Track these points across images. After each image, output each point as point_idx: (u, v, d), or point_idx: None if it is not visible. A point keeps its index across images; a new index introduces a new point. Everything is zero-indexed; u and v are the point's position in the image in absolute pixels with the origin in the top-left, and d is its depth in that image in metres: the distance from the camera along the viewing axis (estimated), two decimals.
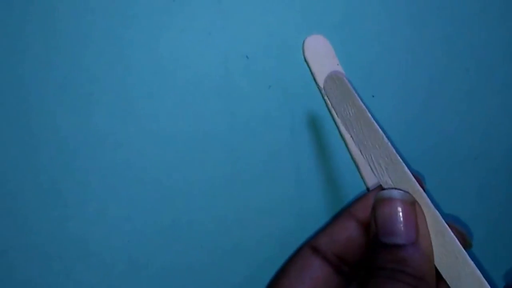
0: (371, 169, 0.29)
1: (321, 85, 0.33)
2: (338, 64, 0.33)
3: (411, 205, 0.28)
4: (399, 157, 0.28)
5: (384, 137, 0.29)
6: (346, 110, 0.29)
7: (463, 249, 0.27)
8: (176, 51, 0.32)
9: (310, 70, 0.33)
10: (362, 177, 0.33)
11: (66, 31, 0.30)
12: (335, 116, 0.33)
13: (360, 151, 0.29)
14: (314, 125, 0.33)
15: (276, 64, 0.33)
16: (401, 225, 0.27)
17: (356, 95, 0.29)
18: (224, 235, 0.32)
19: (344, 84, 0.29)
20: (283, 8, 0.33)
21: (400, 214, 0.27)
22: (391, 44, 0.35)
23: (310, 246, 0.31)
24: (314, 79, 0.33)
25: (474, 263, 0.26)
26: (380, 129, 0.29)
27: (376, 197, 0.29)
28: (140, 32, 0.31)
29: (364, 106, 0.29)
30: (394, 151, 0.28)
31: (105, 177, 0.31)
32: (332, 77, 0.30)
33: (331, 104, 0.30)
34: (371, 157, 0.29)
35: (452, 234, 0.27)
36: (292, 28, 0.33)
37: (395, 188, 0.29)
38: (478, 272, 0.26)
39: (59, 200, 0.30)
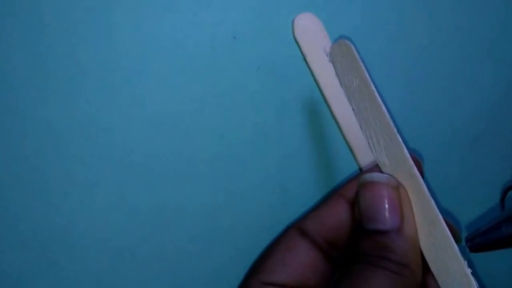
0: (370, 146, 0.28)
1: (312, 66, 0.31)
2: (329, 43, 0.31)
3: (395, 189, 0.27)
4: (399, 138, 0.27)
5: (387, 114, 0.27)
6: (350, 81, 0.28)
7: (454, 242, 0.26)
8: (161, 32, 0.30)
9: (301, 50, 0.31)
10: (355, 158, 0.32)
11: (47, 13, 0.29)
12: (327, 96, 0.31)
13: (361, 126, 0.28)
14: (305, 108, 0.32)
15: (264, 44, 0.31)
16: (384, 210, 0.26)
17: (362, 66, 0.28)
18: (210, 220, 0.31)
19: (351, 52, 0.28)
20: None
21: (383, 198, 0.26)
22: (384, 19, 0.33)
23: (298, 228, 0.29)
24: (305, 60, 0.31)
25: (465, 258, 0.25)
26: (383, 105, 0.27)
27: (359, 181, 0.28)
28: (123, 12, 0.30)
29: (369, 79, 0.28)
30: (395, 130, 0.27)
31: (88, 165, 0.30)
32: (340, 44, 0.28)
33: (336, 72, 0.29)
34: (371, 134, 0.28)
35: (444, 225, 0.26)
36: (281, 7, 0.31)
37: (380, 172, 0.28)
38: (467, 268, 0.25)
39: (43, 190, 0.29)
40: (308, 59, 0.31)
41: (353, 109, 0.28)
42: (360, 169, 0.32)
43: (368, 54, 0.32)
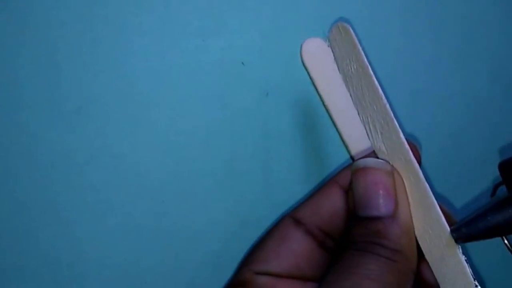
0: (366, 132, 0.28)
1: (321, 90, 0.31)
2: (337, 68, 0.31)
3: (389, 174, 0.26)
4: (396, 123, 0.27)
5: (384, 98, 0.27)
6: (348, 65, 0.28)
7: (449, 229, 0.25)
8: (170, 59, 0.30)
9: (309, 75, 0.31)
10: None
11: (56, 40, 0.29)
12: (336, 120, 0.31)
13: (358, 111, 0.28)
14: (313, 131, 0.32)
15: (273, 70, 0.31)
16: (378, 196, 0.25)
17: (361, 49, 0.27)
18: (222, 244, 0.31)
19: (350, 36, 0.27)
20: (279, 12, 0.31)
21: (377, 184, 0.26)
22: (391, 43, 0.33)
23: (292, 217, 0.29)
24: (313, 84, 0.31)
25: (459, 246, 0.25)
26: (380, 89, 0.27)
27: (352, 167, 0.27)
28: (132, 41, 0.30)
29: (367, 63, 0.27)
30: (392, 115, 0.27)
31: (99, 193, 0.30)
32: (338, 27, 0.28)
33: (334, 57, 0.28)
34: (368, 119, 0.28)
35: (439, 212, 0.25)
36: (289, 32, 0.31)
37: (374, 157, 0.27)
38: (462, 256, 0.25)
39: (54, 218, 0.29)
40: (317, 83, 0.31)
41: (350, 95, 0.28)
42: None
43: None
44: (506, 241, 0.27)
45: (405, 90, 0.33)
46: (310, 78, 0.31)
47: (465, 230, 0.25)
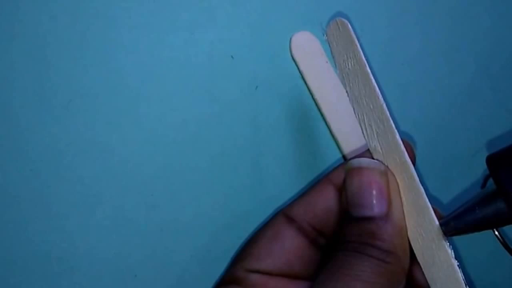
0: (361, 130, 0.28)
1: (310, 84, 0.31)
2: (327, 62, 0.32)
3: (383, 174, 0.26)
4: (392, 123, 0.26)
5: (381, 97, 0.27)
6: (345, 61, 0.28)
7: (443, 234, 0.25)
8: (159, 53, 0.31)
9: (298, 68, 0.32)
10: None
11: (46, 35, 0.30)
12: (325, 113, 0.31)
13: (353, 109, 0.28)
14: (303, 125, 0.32)
15: (262, 63, 0.32)
16: (371, 196, 0.25)
17: (359, 46, 0.27)
18: (212, 237, 0.31)
19: (348, 31, 0.27)
20: (268, 5, 0.32)
21: (370, 184, 0.26)
22: (380, 38, 0.33)
23: (285, 214, 0.29)
24: (302, 77, 0.32)
25: (452, 250, 0.25)
26: (377, 88, 0.27)
27: (346, 166, 0.27)
28: (121, 34, 0.30)
29: (365, 60, 0.27)
30: (388, 115, 0.26)
31: (89, 187, 0.30)
32: (337, 22, 0.28)
33: (331, 52, 0.28)
34: (364, 117, 0.27)
35: (433, 215, 0.25)
36: (278, 25, 0.32)
37: (367, 157, 0.27)
38: (454, 260, 0.25)
39: (44, 212, 0.29)
40: (306, 77, 0.31)
41: (346, 91, 0.28)
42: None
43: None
44: (497, 233, 0.27)
45: (393, 84, 0.33)
46: (300, 71, 0.32)
47: (454, 224, 0.25)
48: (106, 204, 0.30)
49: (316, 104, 0.32)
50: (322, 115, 0.32)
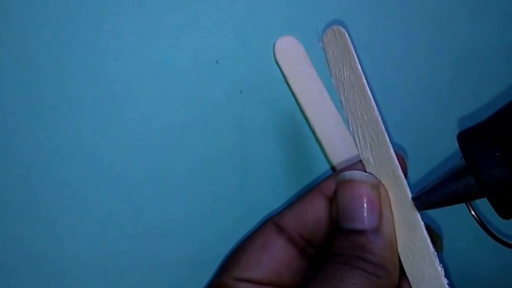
0: (355, 141, 0.27)
1: (294, 88, 0.32)
2: (310, 66, 0.32)
3: (375, 188, 0.26)
4: (386, 136, 0.26)
5: (376, 110, 0.26)
6: (341, 70, 0.27)
7: (433, 250, 0.25)
8: (144, 58, 0.31)
9: (282, 72, 0.32)
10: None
11: (24, 40, 0.30)
12: (309, 116, 0.32)
13: (347, 119, 0.27)
14: (287, 128, 0.32)
15: (247, 67, 0.32)
16: (363, 209, 0.25)
17: (355, 57, 0.27)
18: (198, 241, 0.31)
19: (344, 40, 0.27)
20: (252, 10, 0.32)
21: (362, 197, 0.25)
22: (364, 42, 0.34)
23: (275, 223, 0.29)
24: (286, 81, 0.32)
25: (442, 268, 0.25)
26: (373, 100, 0.27)
27: (337, 178, 0.27)
28: (106, 39, 0.31)
29: (361, 71, 0.27)
30: (383, 128, 0.26)
31: (76, 191, 0.30)
32: (333, 30, 0.27)
33: (326, 60, 0.28)
34: (357, 128, 0.27)
35: (425, 232, 0.25)
36: (262, 30, 0.32)
37: (363, 168, 0.27)
38: (444, 278, 0.25)
39: (32, 215, 0.30)
40: (290, 80, 0.32)
41: (341, 101, 0.27)
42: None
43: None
44: (473, 212, 0.28)
45: (375, 88, 0.34)
46: (283, 75, 0.32)
47: (426, 198, 0.25)
48: (93, 208, 0.30)
49: (300, 108, 0.32)
50: (306, 118, 0.32)
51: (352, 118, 0.27)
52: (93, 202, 0.30)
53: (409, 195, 0.26)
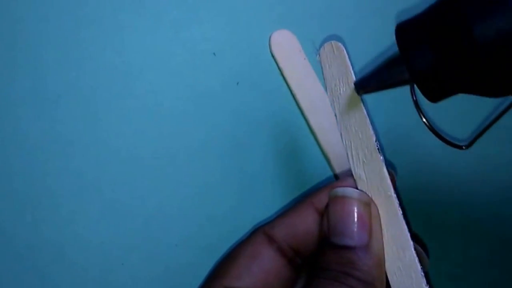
0: (347, 157, 0.27)
1: (289, 79, 0.33)
2: (304, 59, 0.33)
3: (366, 205, 0.26)
4: (380, 156, 0.27)
5: (371, 128, 0.27)
6: (337, 86, 0.27)
7: (420, 270, 0.25)
8: (143, 50, 0.32)
9: (277, 65, 0.33)
10: (331, 167, 0.33)
11: (28, 32, 0.31)
12: (304, 107, 0.32)
13: (341, 134, 0.27)
14: (282, 119, 0.33)
15: (243, 60, 0.33)
16: (353, 226, 0.26)
17: (353, 74, 0.27)
18: (200, 231, 0.32)
19: (342, 56, 0.27)
20: (249, 4, 0.33)
21: (353, 214, 0.26)
22: (358, 36, 0.34)
23: (265, 233, 0.29)
24: (282, 73, 0.33)
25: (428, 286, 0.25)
26: (368, 119, 0.27)
27: (330, 193, 0.27)
28: (104, 32, 0.32)
29: None
30: (377, 147, 0.27)
31: (75, 179, 0.31)
32: (331, 45, 0.27)
33: (323, 74, 0.28)
34: (351, 144, 0.27)
35: (413, 251, 0.26)
36: (259, 24, 0.33)
37: (355, 184, 0.27)
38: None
39: (32, 204, 0.30)
40: (285, 73, 0.33)
41: (335, 114, 0.27)
42: (335, 176, 0.33)
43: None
44: (424, 120, 0.29)
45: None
46: (279, 68, 0.33)
47: (365, 83, 0.26)
48: (94, 195, 0.31)
49: (295, 99, 0.33)
50: (300, 109, 0.33)
51: (345, 134, 0.27)
52: (94, 189, 0.31)
53: (400, 215, 0.26)
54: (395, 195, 0.26)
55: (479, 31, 0.21)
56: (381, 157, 0.27)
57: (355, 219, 0.26)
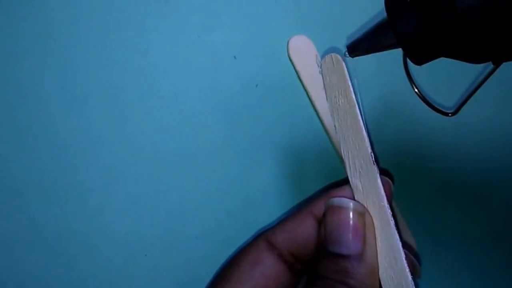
0: (345, 166, 0.28)
1: (305, 82, 0.34)
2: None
3: (360, 215, 0.27)
4: (375, 167, 0.27)
5: (367, 140, 0.28)
6: (337, 97, 0.28)
7: (411, 279, 0.26)
8: (168, 53, 0.33)
9: (295, 69, 0.34)
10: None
11: (60, 35, 0.32)
12: (319, 110, 0.33)
13: (339, 144, 0.28)
14: (299, 120, 0.34)
15: (262, 63, 0.34)
16: (348, 235, 0.27)
17: (351, 86, 0.28)
18: (220, 225, 0.33)
19: (341, 68, 0.28)
20: (269, 10, 0.34)
21: (348, 223, 0.27)
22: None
23: (266, 240, 0.30)
24: (298, 77, 0.34)
25: None
26: (365, 131, 0.28)
27: (326, 203, 0.28)
28: (131, 35, 0.33)
29: (355, 101, 0.28)
30: (372, 159, 0.27)
31: (102, 174, 0.32)
32: (332, 58, 0.28)
33: (324, 85, 0.28)
34: (349, 155, 0.28)
35: (404, 261, 0.27)
36: (277, 29, 0.34)
37: (347, 197, 0.28)
38: None
39: (61, 197, 0.32)
40: (302, 76, 0.34)
41: (334, 125, 0.28)
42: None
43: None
44: (416, 90, 0.31)
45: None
46: (296, 71, 0.34)
47: (356, 46, 0.28)
48: (119, 189, 0.32)
49: (311, 101, 0.34)
50: (316, 111, 0.34)
51: (344, 144, 0.28)
52: (119, 184, 0.32)
53: (392, 225, 0.27)
54: (388, 206, 0.27)
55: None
56: (376, 169, 0.27)
57: (349, 229, 0.27)
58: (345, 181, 0.29)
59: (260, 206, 0.34)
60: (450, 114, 0.34)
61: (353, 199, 0.28)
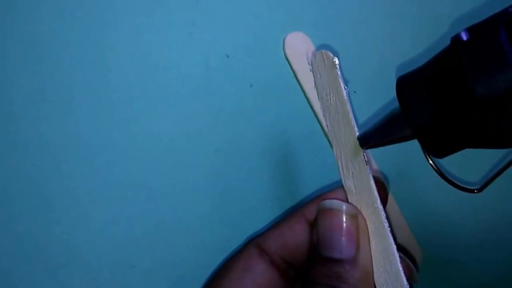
0: (338, 167, 0.27)
1: (303, 82, 0.33)
2: None
3: (353, 218, 0.26)
4: (368, 168, 0.27)
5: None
6: (328, 95, 0.27)
7: (406, 283, 0.26)
8: (157, 52, 0.32)
9: (291, 68, 0.33)
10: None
11: (45, 34, 0.31)
12: (317, 110, 0.32)
13: (331, 144, 0.27)
14: (296, 122, 0.33)
15: (257, 62, 0.33)
16: (341, 238, 0.26)
17: (342, 84, 0.27)
18: (212, 233, 0.32)
19: (332, 66, 0.27)
20: (263, 6, 0.33)
21: (341, 227, 0.26)
22: (370, 39, 0.34)
23: (257, 246, 0.29)
24: (295, 76, 0.33)
25: None
26: (357, 130, 0.27)
27: (318, 206, 0.27)
28: (120, 34, 0.31)
29: (347, 99, 0.27)
30: (365, 159, 0.27)
31: (88, 181, 0.31)
32: (322, 54, 0.27)
33: (314, 83, 0.28)
34: (341, 155, 0.27)
35: (399, 264, 0.26)
36: (272, 26, 0.33)
37: (338, 199, 0.27)
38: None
39: (45, 205, 0.30)
40: (299, 75, 0.33)
41: (326, 125, 0.28)
42: None
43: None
44: (431, 162, 0.29)
45: None
46: (292, 70, 0.33)
47: (369, 138, 0.26)
48: (105, 197, 0.31)
49: (308, 102, 0.33)
50: (314, 112, 0.33)
51: (336, 144, 0.27)
52: (105, 192, 0.31)
53: (386, 227, 0.26)
54: (381, 207, 0.26)
55: (479, 89, 0.20)
56: (368, 170, 0.27)
57: (342, 232, 0.26)
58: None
59: (255, 213, 0.33)
60: (476, 191, 0.31)
61: (346, 201, 0.28)
